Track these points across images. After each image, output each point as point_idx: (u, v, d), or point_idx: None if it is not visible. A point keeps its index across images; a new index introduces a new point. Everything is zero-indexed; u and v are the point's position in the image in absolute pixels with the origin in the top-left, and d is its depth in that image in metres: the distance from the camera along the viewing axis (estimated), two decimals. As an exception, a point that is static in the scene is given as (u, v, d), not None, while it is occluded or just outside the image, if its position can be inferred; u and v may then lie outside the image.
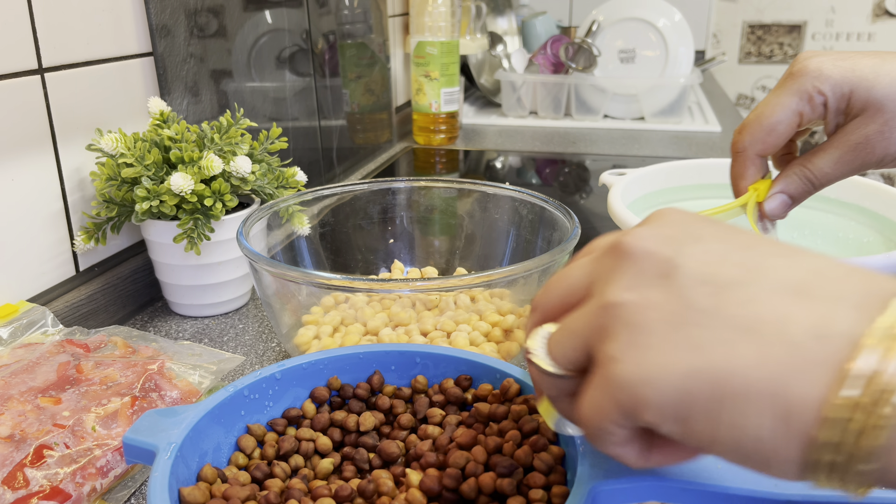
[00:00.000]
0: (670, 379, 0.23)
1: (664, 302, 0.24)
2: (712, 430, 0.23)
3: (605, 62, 1.46)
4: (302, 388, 0.42)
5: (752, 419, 0.22)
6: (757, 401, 0.22)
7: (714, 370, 0.22)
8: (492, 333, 0.54)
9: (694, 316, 0.23)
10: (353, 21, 1.10)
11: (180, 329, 0.65)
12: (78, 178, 0.64)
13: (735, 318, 0.23)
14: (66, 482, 0.41)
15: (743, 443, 0.22)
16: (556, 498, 0.33)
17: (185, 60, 0.73)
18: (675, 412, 0.23)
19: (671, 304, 0.24)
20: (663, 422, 0.24)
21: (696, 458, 0.28)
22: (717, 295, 0.23)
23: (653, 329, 0.24)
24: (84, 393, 0.47)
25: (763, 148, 0.48)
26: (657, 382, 0.23)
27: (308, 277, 0.49)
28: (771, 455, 0.22)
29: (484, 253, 0.70)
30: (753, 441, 0.22)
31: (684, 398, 0.23)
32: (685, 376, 0.23)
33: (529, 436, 0.37)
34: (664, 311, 0.24)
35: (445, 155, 1.29)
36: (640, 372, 0.24)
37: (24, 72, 0.57)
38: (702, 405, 0.23)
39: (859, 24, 2.49)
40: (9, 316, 0.55)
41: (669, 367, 0.23)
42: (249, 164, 0.63)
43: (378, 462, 0.39)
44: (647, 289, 0.24)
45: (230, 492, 0.35)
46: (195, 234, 0.60)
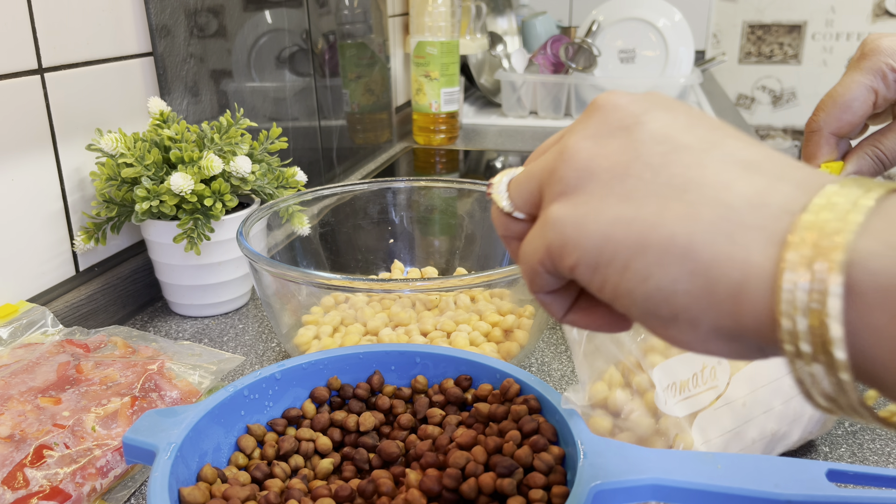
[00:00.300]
0: (598, 223, 0.23)
1: (616, 153, 0.24)
2: (626, 279, 0.23)
3: (605, 62, 1.46)
4: (302, 388, 0.42)
5: (668, 272, 0.22)
6: (677, 256, 0.22)
7: (640, 221, 0.23)
8: (492, 333, 0.54)
9: (638, 169, 0.24)
10: (353, 21, 1.10)
11: (180, 329, 0.65)
12: (78, 178, 0.64)
13: (676, 178, 0.23)
14: (65, 482, 0.41)
15: (652, 295, 0.22)
16: (556, 498, 0.33)
17: (184, 60, 0.73)
18: (594, 258, 0.24)
19: (621, 156, 0.24)
20: (581, 267, 0.24)
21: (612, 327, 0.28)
22: (666, 155, 0.24)
23: (597, 176, 0.24)
24: (84, 393, 0.47)
25: (838, 126, 0.48)
26: (584, 226, 0.24)
27: (308, 277, 0.49)
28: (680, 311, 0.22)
29: (484, 253, 0.70)
30: (665, 294, 0.22)
31: (605, 245, 0.23)
32: (611, 223, 0.23)
33: (529, 436, 0.37)
34: (612, 161, 0.24)
35: (445, 155, 1.29)
36: (572, 214, 0.24)
37: (24, 72, 0.57)
38: (621, 254, 0.23)
39: (859, 24, 2.49)
40: (9, 316, 0.55)
41: (600, 212, 0.24)
42: (249, 164, 0.63)
43: (378, 462, 0.39)
44: (605, 138, 0.25)
45: (230, 492, 0.35)
46: (195, 234, 0.60)
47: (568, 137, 0.26)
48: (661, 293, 0.22)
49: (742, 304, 0.21)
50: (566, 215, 0.24)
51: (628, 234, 0.23)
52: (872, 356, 0.19)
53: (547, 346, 0.61)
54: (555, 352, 0.61)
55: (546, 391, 0.39)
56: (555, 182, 0.25)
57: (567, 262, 0.25)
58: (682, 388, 0.39)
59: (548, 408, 0.38)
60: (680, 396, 0.39)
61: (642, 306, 0.23)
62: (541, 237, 0.25)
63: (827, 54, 2.55)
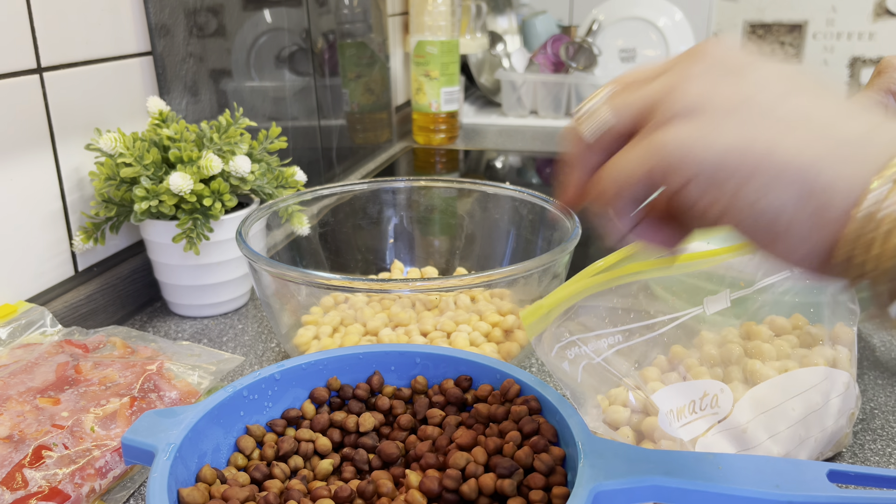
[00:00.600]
0: (716, 144, 0.25)
1: (729, 90, 0.26)
2: (740, 198, 0.25)
3: (606, 61, 1.46)
4: (301, 389, 0.42)
5: (782, 193, 0.24)
6: (792, 179, 0.24)
7: (758, 145, 0.25)
8: (492, 334, 0.54)
9: (754, 104, 0.25)
10: (352, 20, 1.10)
11: (179, 329, 0.65)
12: (77, 177, 0.63)
13: (792, 113, 0.25)
14: (64, 483, 0.41)
15: (765, 213, 0.25)
16: (556, 499, 0.33)
17: (184, 60, 0.72)
18: (710, 176, 0.25)
19: (736, 93, 0.26)
20: (694, 184, 0.26)
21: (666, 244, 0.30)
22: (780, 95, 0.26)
23: (713, 105, 0.26)
24: (83, 393, 0.47)
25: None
26: (703, 145, 0.25)
27: (308, 277, 0.49)
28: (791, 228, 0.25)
29: (484, 253, 0.70)
30: (772, 214, 0.25)
31: (723, 164, 0.25)
32: (730, 145, 0.25)
33: (530, 437, 0.36)
34: (727, 96, 0.26)
35: (445, 155, 1.29)
36: (691, 134, 0.26)
37: (23, 71, 0.57)
38: (738, 174, 0.25)
39: (860, 23, 2.49)
40: (7, 316, 0.55)
41: (719, 134, 0.25)
42: (249, 163, 0.63)
43: (378, 463, 0.39)
44: (717, 78, 0.26)
45: (229, 493, 0.35)
46: (194, 234, 0.60)
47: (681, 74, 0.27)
48: (774, 212, 0.24)
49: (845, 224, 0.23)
50: (686, 135, 0.26)
51: (746, 156, 0.25)
52: None
53: (547, 346, 0.61)
54: (555, 352, 0.60)
55: (546, 392, 0.39)
56: (668, 106, 0.26)
57: (679, 179, 0.26)
58: (679, 414, 0.39)
59: (548, 408, 0.38)
60: (678, 423, 0.39)
61: (753, 223, 0.25)
62: (647, 154, 0.27)
63: (828, 53, 2.54)
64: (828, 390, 0.41)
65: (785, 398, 0.41)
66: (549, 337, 0.40)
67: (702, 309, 0.42)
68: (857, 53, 2.52)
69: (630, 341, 0.42)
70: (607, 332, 0.41)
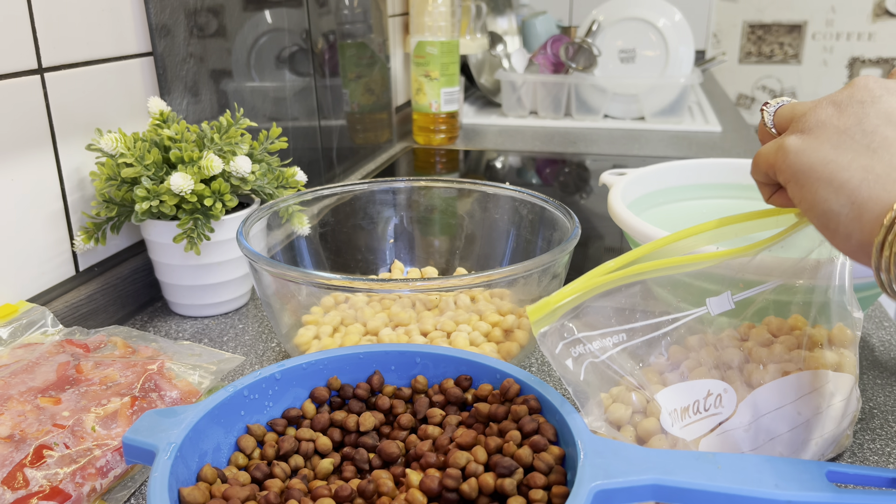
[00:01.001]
0: (809, 158, 0.35)
1: (847, 117, 0.35)
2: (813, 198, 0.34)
3: (606, 62, 1.46)
4: (302, 389, 0.42)
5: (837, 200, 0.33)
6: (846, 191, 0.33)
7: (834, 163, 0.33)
8: (492, 333, 0.54)
9: (855, 131, 0.34)
10: (353, 21, 1.10)
11: (180, 329, 0.65)
12: (78, 177, 0.64)
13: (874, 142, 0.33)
14: (65, 482, 0.41)
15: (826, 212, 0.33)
16: (556, 498, 0.33)
17: (184, 60, 0.73)
18: (798, 179, 0.35)
19: (849, 120, 0.34)
20: (790, 183, 0.36)
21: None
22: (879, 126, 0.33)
23: (826, 127, 0.35)
24: (84, 393, 0.47)
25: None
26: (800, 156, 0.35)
27: (308, 277, 0.49)
28: (838, 228, 0.33)
29: (484, 253, 0.70)
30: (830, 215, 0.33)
31: (808, 172, 0.34)
32: (817, 160, 0.34)
33: (530, 436, 0.37)
34: (841, 121, 0.34)
35: (445, 155, 1.29)
36: (797, 145, 0.35)
37: (24, 72, 0.57)
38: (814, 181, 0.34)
39: (860, 23, 2.49)
40: (8, 316, 0.55)
41: (815, 150, 0.34)
42: (249, 163, 0.63)
43: (378, 462, 0.39)
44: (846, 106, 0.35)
45: (230, 492, 0.35)
46: (195, 234, 0.60)
47: (824, 98, 0.36)
48: (832, 213, 0.33)
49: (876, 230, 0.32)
50: (795, 145, 0.36)
51: (824, 169, 0.34)
52: None
53: (547, 346, 0.61)
54: (555, 352, 0.60)
55: (546, 391, 0.39)
56: (801, 121, 0.36)
57: (783, 176, 0.36)
58: (682, 414, 0.39)
59: (548, 408, 0.38)
60: (682, 422, 0.39)
61: (819, 218, 0.34)
62: (774, 152, 0.37)
63: (827, 54, 2.54)
64: (831, 393, 0.42)
65: (787, 401, 0.41)
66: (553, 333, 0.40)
67: (706, 309, 0.43)
68: (857, 54, 2.52)
69: (633, 340, 0.42)
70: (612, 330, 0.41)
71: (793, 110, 0.38)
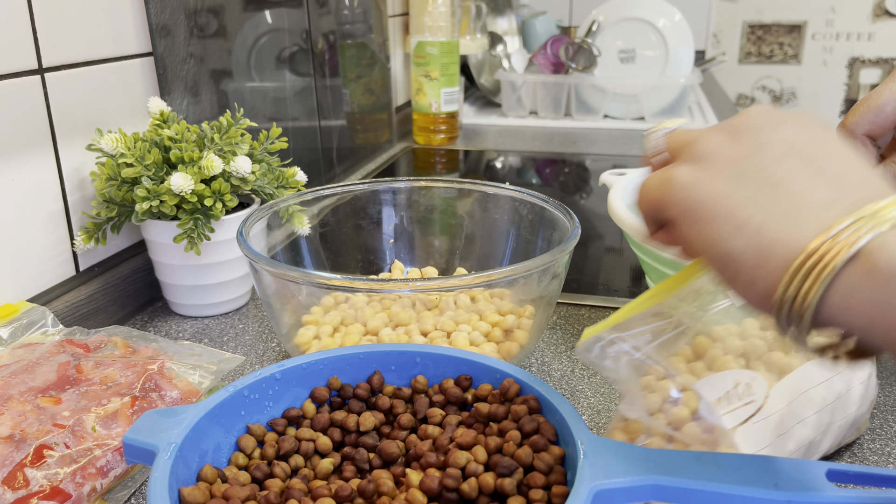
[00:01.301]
0: (703, 190, 0.30)
1: (741, 146, 0.31)
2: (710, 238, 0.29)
3: (605, 62, 1.46)
4: (302, 388, 0.42)
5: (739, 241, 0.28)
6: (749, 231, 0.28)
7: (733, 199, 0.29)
8: (492, 333, 0.54)
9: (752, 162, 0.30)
10: (353, 21, 1.10)
11: (180, 329, 0.65)
12: (78, 178, 0.64)
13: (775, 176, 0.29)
14: (66, 482, 0.41)
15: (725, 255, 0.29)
16: (556, 498, 0.33)
17: (184, 60, 0.73)
18: (688, 216, 0.30)
19: (744, 149, 0.30)
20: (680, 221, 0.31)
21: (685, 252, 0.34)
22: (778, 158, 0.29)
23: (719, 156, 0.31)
24: (84, 393, 0.47)
25: (870, 129, 0.49)
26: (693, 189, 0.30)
27: (308, 277, 0.49)
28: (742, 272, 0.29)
29: (484, 253, 0.70)
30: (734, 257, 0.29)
31: (702, 208, 0.30)
32: (713, 193, 0.30)
33: (529, 436, 0.37)
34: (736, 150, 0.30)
35: (445, 155, 1.29)
36: (688, 176, 0.31)
37: (24, 72, 0.57)
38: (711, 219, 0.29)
39: (859, 24, 2.49)
40: (9, 316, 0.55)
41: (708, 183, 0.30)
42: (249, 164, 0.63)
43: (378, 462, 0.39)
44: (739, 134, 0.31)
45: (230, 492, 0.35)
46: (195, 234, 0.60)
47: (717, 125, 0.33)
48: (731, 256, 0.29)
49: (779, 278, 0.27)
50: (684, 177, 0.31)
51: (721, 206, 0.29)
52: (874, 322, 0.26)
53: (547, 346, 0.61)
54: (555, 352, 0.61)
55: (546, 391, 0.39)
56: (690, 150, 0.32)
57: (671, 212, 0.31)
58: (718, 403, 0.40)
59: (548, 408, 0.38)
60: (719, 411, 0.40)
61: (718, 262, 0.30)
62: (660, 184, 0.32)
63: (827, 54, 2.55)
64: (850, 378, 0.43)
65: (810, 385, 0.42)
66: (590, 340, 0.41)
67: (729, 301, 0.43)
68: (856, 54, 2.52)
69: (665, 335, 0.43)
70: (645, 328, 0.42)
71: (681, 137, 0.34)
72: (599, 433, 0.50)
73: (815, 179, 0.29)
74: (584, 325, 0.65)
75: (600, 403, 0.53)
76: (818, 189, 0.28)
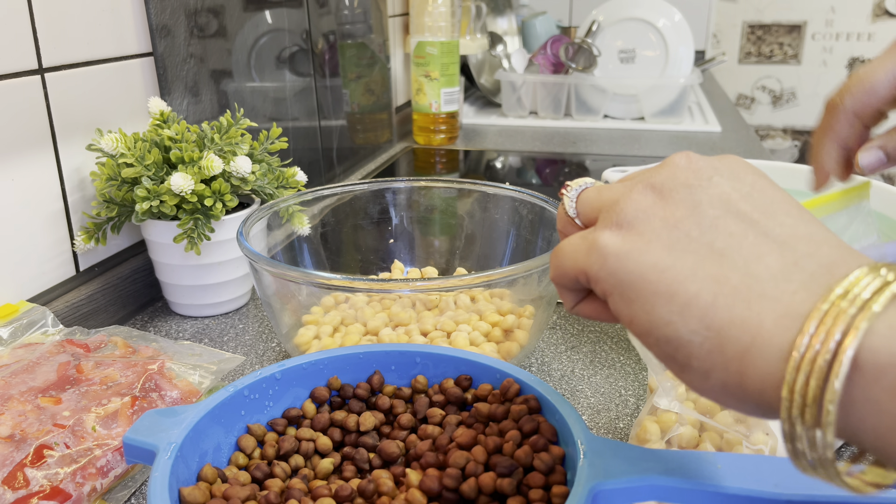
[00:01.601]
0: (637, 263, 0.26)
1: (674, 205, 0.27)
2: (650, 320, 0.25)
3: (605, 62, 1.46)
4: (302, 388, 0.42)
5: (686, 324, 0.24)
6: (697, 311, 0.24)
7: (674, 272, 0.25)
8: (492, 333, 0.54)
9: (689, 225, 0.26)
10: (353, 21, 1.10)
11: (180, 329, 0.65)
12: (78, 178, 0.64)
13: (718, 241, 0.25)
14: (66, 482, 0.41)
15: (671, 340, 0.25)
16: (555, 498, 0.33)
17: (185, 60, 0.73)
18: (625, 292, 0.26)
19: (678, 210, 0.27)
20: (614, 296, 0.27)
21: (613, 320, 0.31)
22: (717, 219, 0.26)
23: (651, 220, 0.27)
24: (84, 393, 0.47)
25: (860, 107, 0.46)
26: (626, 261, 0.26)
27: (308, 277, 0.49)
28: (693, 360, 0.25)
29: (484, 253, 0.70)
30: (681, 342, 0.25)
31: (638, 283, 0.26)
32: (649, 266, 0.26)
33: (529, 436, 0.37)
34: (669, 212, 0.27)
35: (445, 155, 1.29)
36: (618, 246, 0.27)
37: (25, 72, 0.57)
38: (650, 296, 0.25)
39: (859, 24, 2.49)
40: (9, 316, 0.55)
41: (643, 253, 0.26)
42: (249, 164, 0.63)
43: (378, 462, 0.39)
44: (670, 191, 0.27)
45: (230, 492, 0.35)
46: (195, 234, 0.60)
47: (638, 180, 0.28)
48: (679, 341, 0.25)
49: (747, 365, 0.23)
50: (613, 245, 0.27)
51: (661, 280, 0.25)
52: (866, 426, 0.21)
53: (547, 346, 0.61)
54: (555, 352, 0.61)
55: (546, 391, 0.39)
56: (614, 212, 0.28)
57: (600, 287, 0.27)
58: None
59: (548, 408, 0.38)
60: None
61: (662, 347, 0.25)
62: (584, 252, 0.28)
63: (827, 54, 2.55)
64: None
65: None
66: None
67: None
68: (856, 54, 2.52)
69: None
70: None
71: (600, 196, 0.30)
72: (600, 433, 0.50)
73: (761, 244, 0.25)
74: (584, 325, 0.65)
75: (600, 403, 0.53)
76: (768, 256, 0.25)
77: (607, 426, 0.51)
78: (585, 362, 0.59)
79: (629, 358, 0.59)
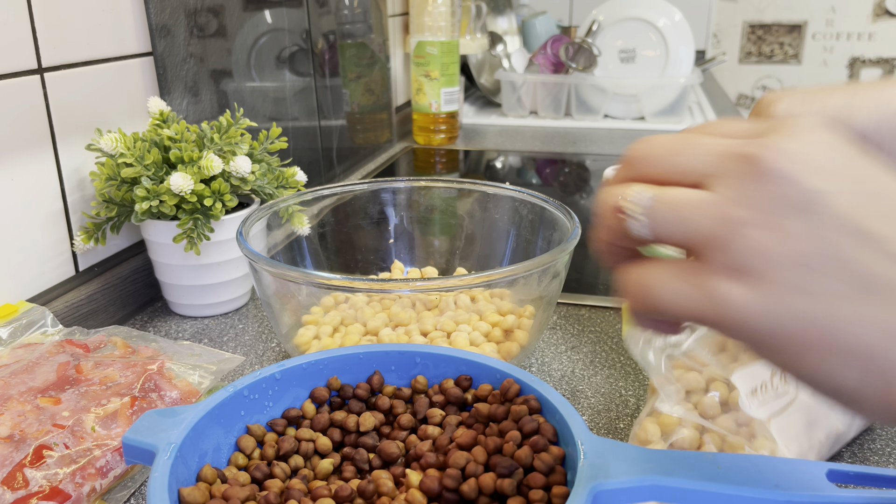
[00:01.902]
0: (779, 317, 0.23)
1: (795, 238, 0.23)
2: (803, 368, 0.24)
3: (606, 62, 1.46)
4: (302, 389, 0.42)
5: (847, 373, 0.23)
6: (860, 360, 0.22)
7: (824, 321, 0.23)
8: (492, 333, 0.54)
9: (823, 263, 0.23)
10: (353, 21, 1.10)
11: (180, 329, 0.65)
12: (77, 177, 0.63)
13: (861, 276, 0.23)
14: (65, 482, 0.41)
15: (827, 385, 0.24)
16: (556, 498, 0.33)
17: (184, 60, 0.73)
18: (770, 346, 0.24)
19: (802, 244, 0.23)
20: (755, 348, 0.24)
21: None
22: (853, 248, 0.23)
23: (776, 263, 0.23)
24: (84, 393, 0.47)
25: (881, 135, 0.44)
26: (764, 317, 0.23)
27: (308, 277, 0.49)
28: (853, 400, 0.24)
29: (484, 253, 0.70)
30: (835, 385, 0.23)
31: (785, 338, 0.23)
32: (794, 319, 0.23)
33: (530, 436, 0.37)
34: (792, 248, 0.23)
35: (445, 155, 1.29)
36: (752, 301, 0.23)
37: (24, 72, 0.57)
38: (800, 348, 0.23)
39: (859, 23, 2.49)
40: (8, 316, 0.55)
41: (782, 305, 0.23)
42: (249, 163, 0.63)
43: (378, 462, 0.39)
44: (779, 217, 0.23)
45: (230, 492, 0.35)
46: (195, 234, 0.60)
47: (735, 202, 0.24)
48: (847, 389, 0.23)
49: None
50: (741, 300, 0.24)
51: (811, 332, 0.23)
52: None
53: (547, 346, 0.61)
54: (555, 352, 0.61)
55: (546, 391, 0.39)
56: (725, 254, 0.24)
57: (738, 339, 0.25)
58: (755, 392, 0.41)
59: (548, 408, 0.38)
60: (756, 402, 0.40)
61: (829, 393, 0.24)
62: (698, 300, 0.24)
63: (827, 54, 2.54)
64: None
65: None
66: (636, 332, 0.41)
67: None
68: (857, 54, 2.52)
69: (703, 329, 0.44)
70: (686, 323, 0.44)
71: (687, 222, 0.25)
72: (600, 433, 0.50)
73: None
74: (584, 325, 0.65)
75: (600, 403, 0.53)
76: None
77: (607, 426, 0.51)
78: (586, 362, 0.59)
79: (629, 358, 0.59)
